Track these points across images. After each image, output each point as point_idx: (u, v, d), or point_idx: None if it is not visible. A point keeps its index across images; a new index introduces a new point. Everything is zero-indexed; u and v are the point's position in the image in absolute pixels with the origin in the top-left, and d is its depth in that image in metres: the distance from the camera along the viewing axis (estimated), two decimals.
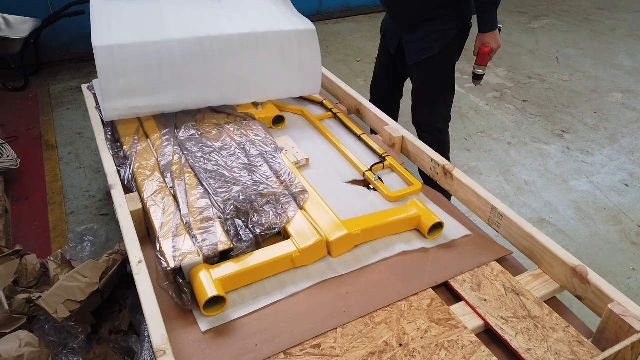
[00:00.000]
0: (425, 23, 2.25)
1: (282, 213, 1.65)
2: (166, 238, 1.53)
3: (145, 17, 2.16)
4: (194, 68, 2.08)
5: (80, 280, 1.60)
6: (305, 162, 2.03)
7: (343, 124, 2.33)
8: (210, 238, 1.53)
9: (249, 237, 1.54)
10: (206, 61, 2.10)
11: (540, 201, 2.74)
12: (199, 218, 1.61)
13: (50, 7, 4.15)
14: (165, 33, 2.06)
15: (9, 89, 3.85)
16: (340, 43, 4.93)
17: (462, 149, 3.21)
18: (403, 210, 1.69)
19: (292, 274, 1.53)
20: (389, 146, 2.14)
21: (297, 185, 1.77)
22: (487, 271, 1.54)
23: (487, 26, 2.20)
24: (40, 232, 2.49)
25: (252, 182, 1.78)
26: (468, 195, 1.79)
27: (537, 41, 4.94)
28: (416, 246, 1.64)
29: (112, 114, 2.05)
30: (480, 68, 2.34)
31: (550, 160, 3.10)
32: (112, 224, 2.54)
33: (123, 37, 2.03)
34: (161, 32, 2.07)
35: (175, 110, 2.17)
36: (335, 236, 1.55)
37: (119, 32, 2.06)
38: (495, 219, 1.69)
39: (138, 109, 2.08)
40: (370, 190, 1.91)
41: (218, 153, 1.94)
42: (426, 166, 1.99)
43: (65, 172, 2.94)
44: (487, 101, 3.81)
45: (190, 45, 2.06)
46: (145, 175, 1.81)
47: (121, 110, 2.05)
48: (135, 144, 1.99)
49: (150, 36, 2.04)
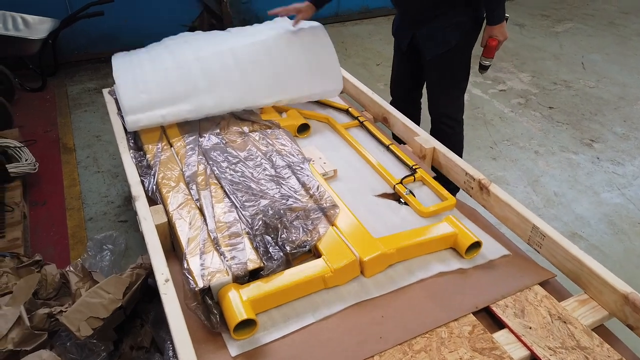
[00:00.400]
0: (440, 16, 2.20)
1: (312, 229, 1.58)
2: (193, 255, 1.46)
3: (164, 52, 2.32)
4: (211, 77, 2.15)
5: (104, 297, 1.54)
6: (333, 174, 1.96)
7: (370, 132, 2.26)
8: (239, 256, 1.46)
9: (279, 255, 1.47)
10: (223, 70, 2.18)
11: (571, 214, 2.64)
12: (226, 233, 1.54)
13: (68, 8, 4.11)
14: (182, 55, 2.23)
15: (26, 90, 3.82)
16: (359, 46, 4.85)
17: (487, 158, 3.12)
18: (438, 227, 1.61)
19: (324, 295, 1.46)
20: (420, 157, 2.06)
21: (327, 199, 1.70)
22: (531, 295, 1.46)
23: (495, 18, 2.17)
24: (58, 238, 2.44)
25: (280, 195, 1.71)
26: (506, 212, 1.71)
27: (561, 46, 4.82)
28: (453, 266, 1.56)
29: (134, 125, 2.00)
30: (487, 60, 2.31)
31: (579, 171, 3.00)
32: (131, 232, 2.49)
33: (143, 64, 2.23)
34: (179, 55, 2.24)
35: (198, 118, 2.11)
36: (369, 256, 1.48)
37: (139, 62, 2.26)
38: (537, 238, 1.61)
39: (161, 117, 2.03)
40: (401, 205, 1.83)
41: (244, 163, 1.88)
42: (460, 180, 1.91)
43: (84, 177, 2.90)
44: (511, 107, 3.71)
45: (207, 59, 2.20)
46: (170, 187, 1.75)
47: (144, 121, 2.03)
48: (158, 152, 1.93)
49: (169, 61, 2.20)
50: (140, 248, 2.37)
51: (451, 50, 2.25)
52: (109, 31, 4.41)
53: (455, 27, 2.21)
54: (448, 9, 2.18)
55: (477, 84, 4.02)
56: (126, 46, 4.60)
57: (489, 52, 2.27)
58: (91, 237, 2.39)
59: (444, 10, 2.17)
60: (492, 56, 2.29)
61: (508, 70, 4.31)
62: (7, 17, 3.73)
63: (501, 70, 4.28)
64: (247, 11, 5.00)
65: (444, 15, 2.19)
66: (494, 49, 2.25)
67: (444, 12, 2.18)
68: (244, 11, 4.98)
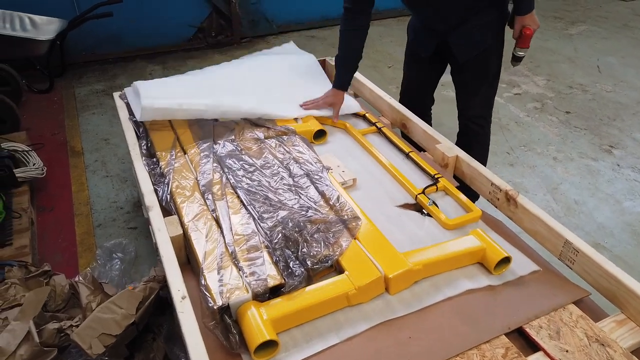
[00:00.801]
0: (471, 18, 2.13)
1: (334, 243, 1.51)
2: (211, 270, 1.40)
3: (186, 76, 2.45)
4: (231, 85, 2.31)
5: (116, 312, 1.48)
6: (352, 183, 1.89)
7: (388, 139, 2.19)
8: (258, 271, 1.39)
9: (301, 271, 1.40)
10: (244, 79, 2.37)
11: (593, 224, 2.56)
12: (244, 247, 1.48)
13: (77, 8, 4.06)
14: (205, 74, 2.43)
15: (34, 91, 3.77)
16: (370, 47, 4.77)
17: (504, 164, 3.04)
18: (466, 242, 1.54)
19: (347, 313, 1.39)
20: (441, 166, 1.99)
21: (348, 211, 1.63)
22: (565, 315, 1.38)
23: (525, 7, 2.08)
24: (66, 245, 2.38)
25: (299, 206, 1.64)
26: (536, 226, 1.63)
27: (575, 48, 4.74)
28: (482, 283, 1.49)
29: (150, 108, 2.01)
30: (522, 50, 2.21)
31: (600, 178, 2.92)
32: (141, 239, 2.43)
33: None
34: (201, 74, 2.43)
35: (214, 116, 2.11)
36: (395, 272, 1.41)
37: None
38: (569, 254, 1.53)
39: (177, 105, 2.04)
40: (424, 216, 1.76)
41: (260, 172, 1.81)
42: (484, 190, 1.84)
43: (92, 181, 2.84)
44: (527, 112, 3.63)
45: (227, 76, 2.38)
46: (185, 196, 1.68)
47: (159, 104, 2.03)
48: (172, 159, 1.87)
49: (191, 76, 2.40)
50: (150, 256, 2.30)
51: (487, 50, 2.19)
52: (116, 32, 4.35)
53: (486, 27, 2.14)
54: (478, 10, 2.10)
55: None
56: (133, 47, 4.58)
57: (524, 42, 2.17)
58: (100, 244, 2.33)
59: (475, 12, 2.10)
60: (527, 46, 2.19)
61: (522, 73, 4.22)
62: (14, 18, 3.68)
63: (515, 74, 4.20)
64: (255, 12, 4.93)
65: (475, 17, 2.12)
66: (529, 38, 2.16)
67: (475, 12, 2.10)
68: (252, 12, 4.92)
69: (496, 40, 2.19)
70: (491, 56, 2.21)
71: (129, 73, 4.19)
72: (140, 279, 2.19)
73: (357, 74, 2.61)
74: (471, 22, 2.11)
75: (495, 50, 2.21)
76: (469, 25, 2.12)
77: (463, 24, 2.13)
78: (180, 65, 4.34)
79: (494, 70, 2.27)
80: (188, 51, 4.65)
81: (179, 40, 4.66)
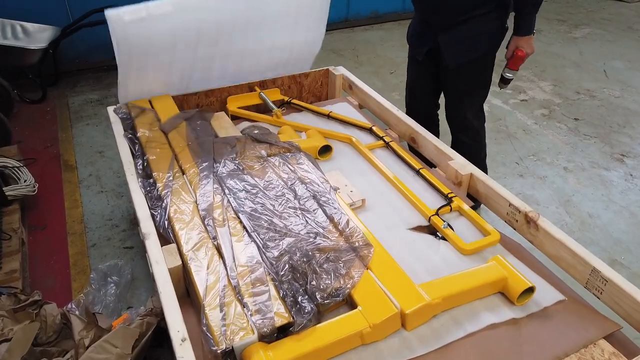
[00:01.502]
0: (468, 22, 2.09)
1: (345, 274, 1.40)
2: (213, 308, 1.29)
3: None
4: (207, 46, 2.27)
5: (111, 351, 1.37)
6: (361, 204, 1.78)
7: (397, 154, 2.08)
8: (264, 308, 1.28)
9: (311, 307, 1.29)
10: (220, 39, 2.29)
11: (608, 238, 2.46)
12: (249, 280, 1.37)
13: (70, 15, 3.94)
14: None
15: (26, 102, 3.65)
16: (371, 53, 4.67)
17: (514, 175, 2.94)
18: (487, 271, 1.44)
19: (361, 352, 1.28)
20: (454, 184, 1.89)
21: (358, 237, 1.52)
22: (597, 353, 1.28)
23: (524, 29, 2.07)
24: (59, 267, 2.26)
25: (306, 232, 1.54)
26: (559, 251, 1.53)
27: (580, 52, 4.64)
28: (505, 316, 1.38)
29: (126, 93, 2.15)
30: (510, 72, 2.22)
31: (613, 189, 2.82)
32: (137, 259, 2.31)
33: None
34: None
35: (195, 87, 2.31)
36: (412, 307, 1.30)
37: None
38: (597, 283, 1.43)
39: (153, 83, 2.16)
40: (438, 240, 1.65)
41: (264, 193, 1.70)
42: (502, 211, 1.73)
43: (86, 197, 2.72)
44: (535, 119, 3.53)
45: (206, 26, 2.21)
46: (184, 222, 1.57)
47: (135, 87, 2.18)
48: (169, 180, 1.75)
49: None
50: (148, 278, 2.19)
51: (478, 58, 2.16)
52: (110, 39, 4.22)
53: (482, 35, 2.11)
54: (476, 15, 2.06)
55: (497, 93, 3.84)
56: None
57: (514, 64, 2.17)
58: (94, 266, 2.22)
59: (472, 16, 2.06)
60: (516, 68, 2.20)
61: (528, 78, 4.13)
62: (5, 25, 3.56)
63: (521, 79, 4.10)
64: None
65: (471, 21, 2.08)
66: (520, 60, 2.14)
67: (471, 17, 2.06)
68: None
69: (491, 50, 2.15)
70: (484, 65, 2.18)
71: None
72: (136, 303, 2.09)
73: (362, 83, 2.51)
74: (467, 26, 2.08)
75: (488, 60, 2.17)
76: (464, 30, 2.10)
77: (457, 26, 2.09)
78: None
79: (483, 81, 2.25)
80: None
81: None
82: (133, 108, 2.19)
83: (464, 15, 2.07)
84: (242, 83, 2.47)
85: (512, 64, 2.17)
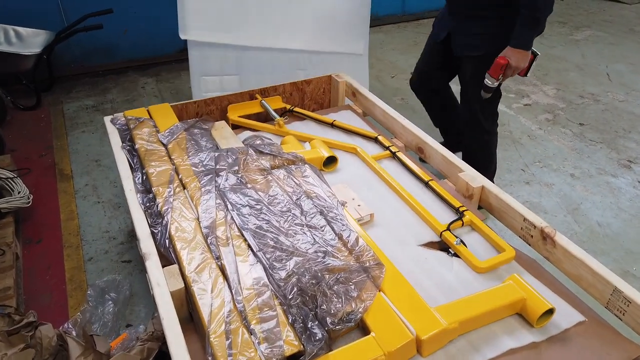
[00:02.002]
0: (478, 18, 2.16)
1: (357, 297, 1.33)
2: (218, 336, 1.22)
3: None
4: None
5: None
6: (369, 218, 1.71)
7: (404, 165, 2.02)
8: (272, 336, 1.22)
9: (322, 334, 1.22)
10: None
11: (619, 249, 2.41)
12: (255, 304, 1.30)
13: (64, 19, 3.85)
14: None
15: (19, 108, 3.56)
16: (371, 56, 4.58)
17: (520, 182, 2.88)
18: (505, 292, 1.37)
19: None
20: (465, 197, 1.82)
21: (369, 256, 1.46)
22: None
23: (515, 40, 2.03)
24: (55, 283, 2.19)
25: (314, 251, 1.47)
26: (578, 269, 1.47)
27: (582, 55, 4.60)
28: (524, 340, 1.32)
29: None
30: (489, 79, 2.14)
31: (621, 197, 2.76)
32: (136, 274, 2.24)
33: None
34: None
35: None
36: (428, 333, 1.24)
37: None
38: (619, 303, 1.37)
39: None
40: (451, 257, 1.59)
41: (268, 209, 1.63)
42: (516, 226, 1.67)
43: (82, 208, 2.64)
44: (539, 124, 3.48)
45: None
46: (186, 241, 1.50)
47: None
48: (170, 196, 1.68)
49: None
50: (147, 294, 2.12)
51: (480, 57, 2.20)
52: (107, 43, 4.15)
53: (486, 35, 2.17)
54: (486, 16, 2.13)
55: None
56: (125, 58, 4.38)
57: (493, 70, 2.11)
58: (91, 282, 2.14)
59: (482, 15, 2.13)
60: (495, 76, 2.12)
61: (531, 82, 4.07)
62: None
63: (523, 82, 4.05)
64: None
65: (483, 19, 2.14)
66: (499, 68, 2.08)
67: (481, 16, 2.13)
68: None
69: (489, 54, 2.13)
70: (485, 66, 2.16)
71: (121, 86, 3.99)
72: (135, 320, 2.02)
73: (366, 91, 2.44)
74: (475, 22, 2.16)
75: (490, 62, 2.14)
76: (471, 25, 2.19)
77: (467, 19, 2.20)
78: (175, 77, 4.16)
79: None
80: (182, 62, 4.45)
81: (172, 50, 4.46)
82: (130, 119, 2.11)
83: (475, 9, 2.14)
84: (242, 91, 2.40)
85: (491, 70, 2.11)
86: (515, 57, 2.04)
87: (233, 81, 2.97)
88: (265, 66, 2.96)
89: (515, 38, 2.03)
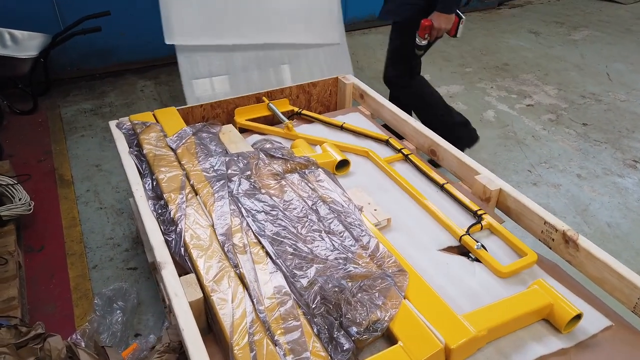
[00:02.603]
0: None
1: (382, 304, 1.30)
2: (242, 348, 1.18)
3: None
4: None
5: None
6: (386, 223, 1.68)
7: (417, 167, 1.99)
8: (298, 347, 1.18)
9: (349, 344, 1.19)
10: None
11: (630, 250, 2.39)
12: (278, 314, 1.26)
13: (60, 22, 3.78)
14: None
15: (16, 113, 3.49)
16: (371, 57, 4.58)
17: (528, 184, 2.86)
18: (532, 297, 1.34)
19: None
20: (482, 200, 1.80)
21: (391, 262, 1.42)
22: None
23: (439, 5, 2.32)
24: (59, 292, 2.13)
25: (335, 258, 1.43)
26: (602, 273, 1.45)
27: (582, 55, 4.60)
28: (553, 346, 1.29)
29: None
30: (419, 39, 2.45)
31: (629, 197, 2.76)
32: (142, 281, 2.19)
33: None
34: None
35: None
36: (458, 342, 1.20)
37: None
38: None
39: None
40: (472, 262, 1.56)
41: (284, 214, 1.59)
42: (536, 229, 1.64)
43: (84, 214, 2.58)
44: (543, 125, 3.47)
45: None
46: (202, 249, 1.46)
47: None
48: (182, 202, 1.64)
49: None
50: (154, 302, 2.07)
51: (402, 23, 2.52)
52: (104, 45, 4.08)
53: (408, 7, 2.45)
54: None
55: (502, 98, 3.77)
56: (123, 61, 4.32)
57: (420, 31, 2.41)
58: (97, 290, 2.09)
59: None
60: (422, 36, 2.42)
61: (532, 82, 4.07)
62: None
63: (525, 83, 4.04)
64: None
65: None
66: (422, 29, 2.38)
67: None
68: None
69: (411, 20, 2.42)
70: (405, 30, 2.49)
71: (119, 89, 3.93)
72: (144, 329, 1.97)
73: (374, 93, 2.41)
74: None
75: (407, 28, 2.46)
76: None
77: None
78: (173, 79, 4.09)
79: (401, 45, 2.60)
80: None
81: (171, 52, 4.39)
82: (137, 123, 2.06)
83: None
84: (249, 94, 2.37)
85: (420, 31, 2.40)
86: (438, 20, 2.35)
87: (223, 81, 2.99)
88: (251, 64, 3.03)
89: (440, 2, 2.32)
